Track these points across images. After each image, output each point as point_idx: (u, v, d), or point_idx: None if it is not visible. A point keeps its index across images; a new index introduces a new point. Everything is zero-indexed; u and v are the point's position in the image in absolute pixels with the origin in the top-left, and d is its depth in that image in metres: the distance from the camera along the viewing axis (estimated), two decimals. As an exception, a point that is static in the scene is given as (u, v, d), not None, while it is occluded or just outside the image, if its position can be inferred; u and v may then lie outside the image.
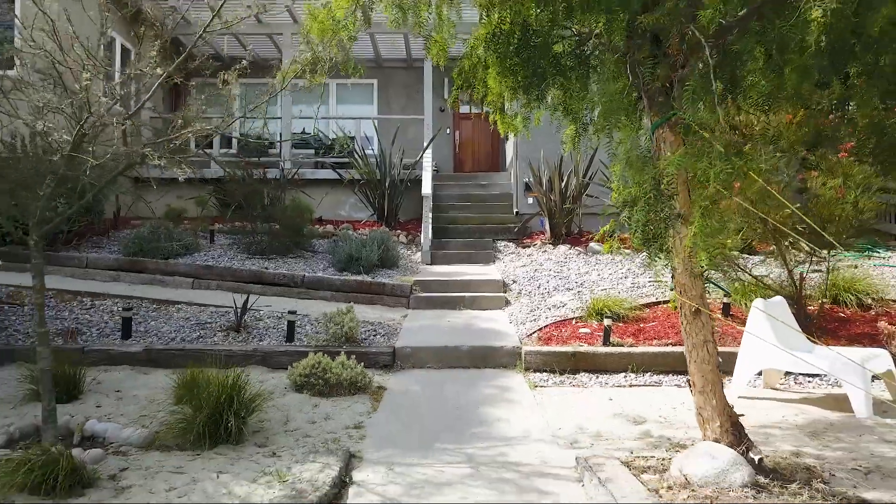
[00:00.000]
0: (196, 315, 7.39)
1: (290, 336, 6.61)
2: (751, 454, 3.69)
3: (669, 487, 3.51)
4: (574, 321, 7.36)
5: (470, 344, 6.64)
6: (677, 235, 3.40)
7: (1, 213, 4.69)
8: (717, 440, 3.76)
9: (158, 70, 4.39)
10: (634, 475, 3.65)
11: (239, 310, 6.95)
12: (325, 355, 5.65)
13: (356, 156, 11.95)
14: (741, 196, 5.17)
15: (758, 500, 3.37)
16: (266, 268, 8.97)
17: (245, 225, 10.20)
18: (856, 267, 9.37)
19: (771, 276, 7.92)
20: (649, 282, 8.69)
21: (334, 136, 13.11)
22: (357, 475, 3.84)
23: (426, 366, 6.41)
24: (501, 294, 8.64)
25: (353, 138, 13.66)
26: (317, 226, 11.10)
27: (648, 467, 3.84)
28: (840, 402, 5.26)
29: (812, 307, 7.34)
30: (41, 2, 4.05)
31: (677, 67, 3.34)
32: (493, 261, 10.43)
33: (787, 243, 7.51)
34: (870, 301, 7.78)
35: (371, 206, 11.92)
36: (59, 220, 4.68)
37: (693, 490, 3.47)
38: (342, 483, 3.67)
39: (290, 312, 6.73)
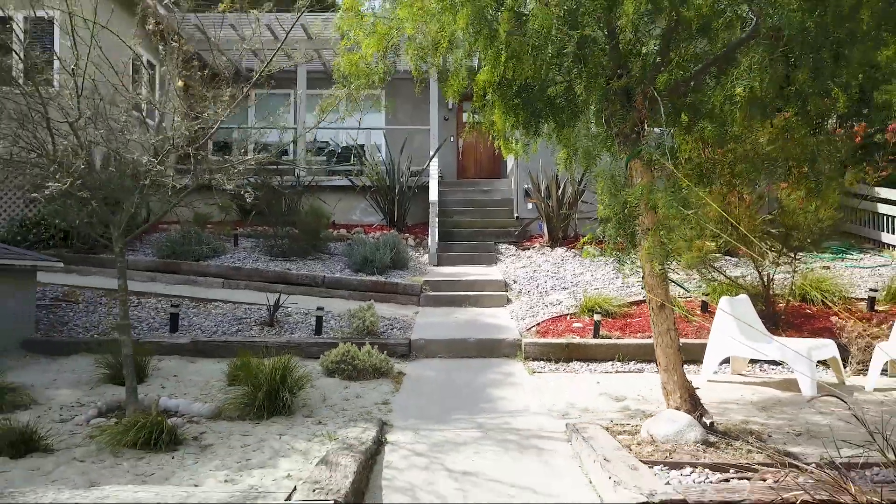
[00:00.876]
0: (231, 312, 8.40)
1: (318, 329, 7.63)
2: (704, 419, 4.72)
3: (638, 444, 4.53)
4: (568, 317, 8.38)
5: (476, 337, 7.66)
6: (643, 247, 4.41)
7: (88, 224, 5.64)
8: (677, 408, 4.78)
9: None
10: (612, 436, 4.66)
11: (271, 307, 7.97)
12: (353, 345, 6.67)
13: (367, 164, 12.97)
14: (703, 212, 6.19)
15: (706, 452, 4.39)
16: (289, 269, 9.99)
17: (267, 229, 11.23)
18: (827, 268, 10.42)
19: (748, 277, 8.93)
20: (637, 282, 9.70)
21: (345, 145, 14.11)
22: (390, 437, 4.85)
23: (438, 355, 7.41)
24: (503, 293, 9.66)
25: (362, 146, 14.65)
26: (331, 230, 12.10)
27: (624, 430, 4.86)
28: (792, 385, 6.28)
29: (781, 304, 8.37)
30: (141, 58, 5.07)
31: (643, 115, 4.35)
32: (495, 262, 11.44)
33: (766, 247, 8.53)
34: (835, 299, 8.81)
35: (381, 211, 12.94)
36: (141, 230, 5.68)
37: (656, 445, 4.49)
38: (379, 442, 4.68)
39: (318, 309, 7.75)
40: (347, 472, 3.71)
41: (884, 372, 6.59)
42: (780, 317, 8.16)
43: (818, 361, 6.54)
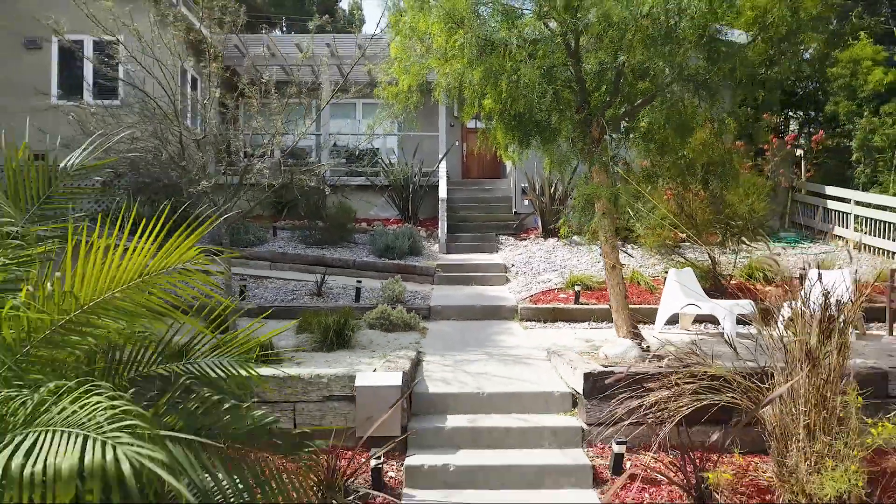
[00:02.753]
0: (284, 286, 10.74)
1: (357, 298, 9.98)
2: (642, 344, 7.07)
3: (595, 358, 6.87)
4: (556, 290, 10.72)
5: (481, 304, 10.01)
6: (596, 223, 6.76)
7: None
8: (624, 337, 7.13)
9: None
10: (578, 355, 7.00)
11: (318, 281, 10.31)
12: (388, 306, 9.02)
13: (384, 166, 15.32)
14: (664, 206, 8.53)
15: (642, 364, 6.72)
16: (324, 254, 12.34)
17: (298, 222, 13.58)
18: (778, 254, 12.79)
19: (711, 260, 11.26)
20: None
21: (362, 148, 16.47)
22: (424, 359, 7.20)
23: (452, 318, 9.74)
24: (503, 274, 12.00)
25: (377, 149, 17.00)
26: (354, 223, 14.43)
27: (587, 354, 7.20)
28: (721, 334, 8.62)
29: (728, 280, 10.72)
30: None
31: (599, 136, 6.70)
32: (497, 250, 13.78)
33: (731, 235, 10.87)
34: (776, 277, 11.18)
35: (396, 207, 15.29)
36: (243, 214, 8.00)
37: (608, 360, 6.83)
38: (418, 360, 7.03)
39: (357, 282, 10.11)
40: (405, 364, 6.07)
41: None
42: (727, 290, 10.51)
43: (742, 316, 8.88)
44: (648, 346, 7.09)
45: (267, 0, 30.38)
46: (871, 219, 13.01)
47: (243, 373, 3.24)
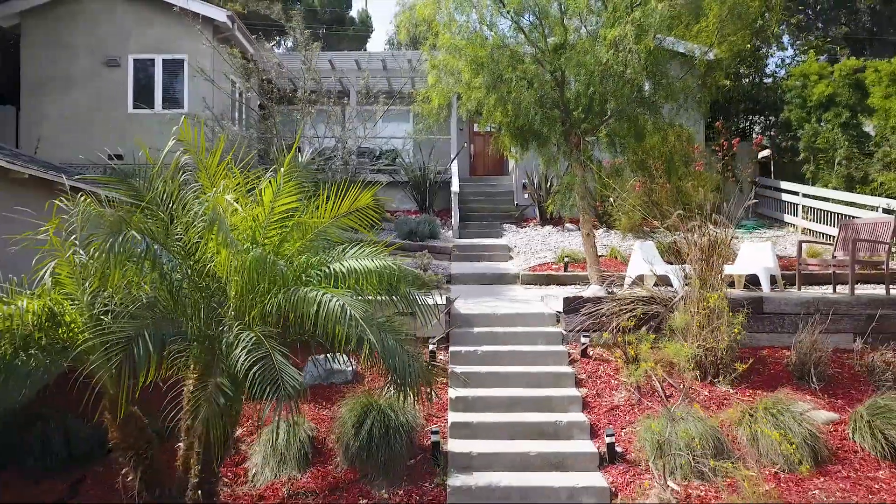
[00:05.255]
0: (332, 260, 14.10)
1: (393, 267, 13.34)
2: (607, 288, 10.44)
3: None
4: (550, 264, 14.10)
5: (491, 273, 13.39)
6: (574, 201, 10.12)
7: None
8: (595, 284, 10.51)
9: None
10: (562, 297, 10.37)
11: (361, 255, 13.67)
12: (420, 271, 12.39)
13: (404, 165, 18.74)
14: (633, 193, 11.94)
15: (606, 297, 10.09)
16: (360, 238, 15.70)
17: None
18: (736, 237, 16.19)
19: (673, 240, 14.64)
20: (602, 245, 15.42)
21: (385, 149, 19.85)
22: (453, 301, 10.57)
23: (468, 283, 13.09)
24: (507, 253, 15.38)
25: (394, 150, 20.36)
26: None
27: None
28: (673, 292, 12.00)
29: (684, 255, 14.08)
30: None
31: (577, 142, 10.07)
32: (501, 235, 17.14)
33: (687, 219, 14.25)
34: (729, 253, 14.57)
35: (415, 200, 18.65)
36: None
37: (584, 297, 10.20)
38: (449, 300, 10.39)
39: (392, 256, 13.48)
40: (444, 299, 9.44)
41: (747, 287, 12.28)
42: (683, 261, 13.88)
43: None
44: (612, 290, 10.47)
45: (280, 10, 33.82)
46: (814, 208, 16.42)
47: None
